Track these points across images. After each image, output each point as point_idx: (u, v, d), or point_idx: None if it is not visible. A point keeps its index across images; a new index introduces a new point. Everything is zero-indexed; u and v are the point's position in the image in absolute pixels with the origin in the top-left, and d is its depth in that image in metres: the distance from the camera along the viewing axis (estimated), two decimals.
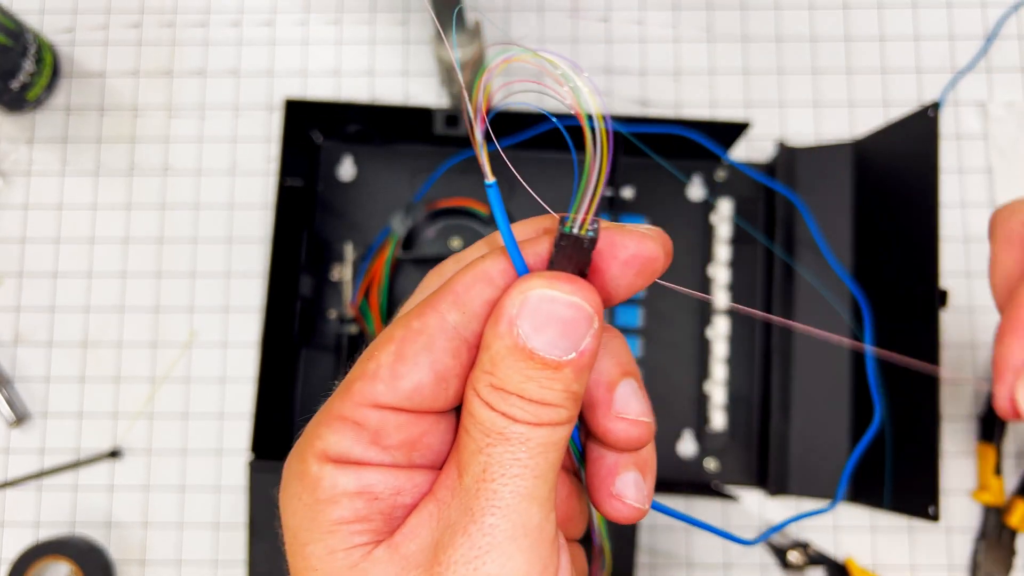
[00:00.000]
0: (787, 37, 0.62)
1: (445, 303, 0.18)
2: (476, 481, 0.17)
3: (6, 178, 0.61)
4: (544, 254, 0.18)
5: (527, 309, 0.17)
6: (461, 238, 0.56)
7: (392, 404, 0.18)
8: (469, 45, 0.52)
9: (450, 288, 0.18)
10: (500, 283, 0.18)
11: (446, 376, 0.18)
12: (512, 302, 0.17)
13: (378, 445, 0.18)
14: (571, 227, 0.17)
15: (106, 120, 0.62)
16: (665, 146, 0.55)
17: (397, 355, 0.18)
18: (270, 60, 0.63)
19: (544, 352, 0.17)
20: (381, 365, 0.18)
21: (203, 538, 0.57)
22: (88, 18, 0.63)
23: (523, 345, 0.17)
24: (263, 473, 0.50)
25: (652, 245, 0.18)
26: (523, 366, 0.17)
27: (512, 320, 0.17)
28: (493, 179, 0.18)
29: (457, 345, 0.18)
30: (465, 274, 0.18)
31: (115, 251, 0.60)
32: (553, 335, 0.17)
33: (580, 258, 0.17)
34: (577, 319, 0.17)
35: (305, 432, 0.19)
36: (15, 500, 0.58)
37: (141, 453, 0.58)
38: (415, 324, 0.18)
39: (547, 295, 0.17)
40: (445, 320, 0.18)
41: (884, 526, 0.56)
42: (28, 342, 0.59)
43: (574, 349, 0.17)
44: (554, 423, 0.17)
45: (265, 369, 0.51)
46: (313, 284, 0.57)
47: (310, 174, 0.58)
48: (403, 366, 0.18)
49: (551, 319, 0.17)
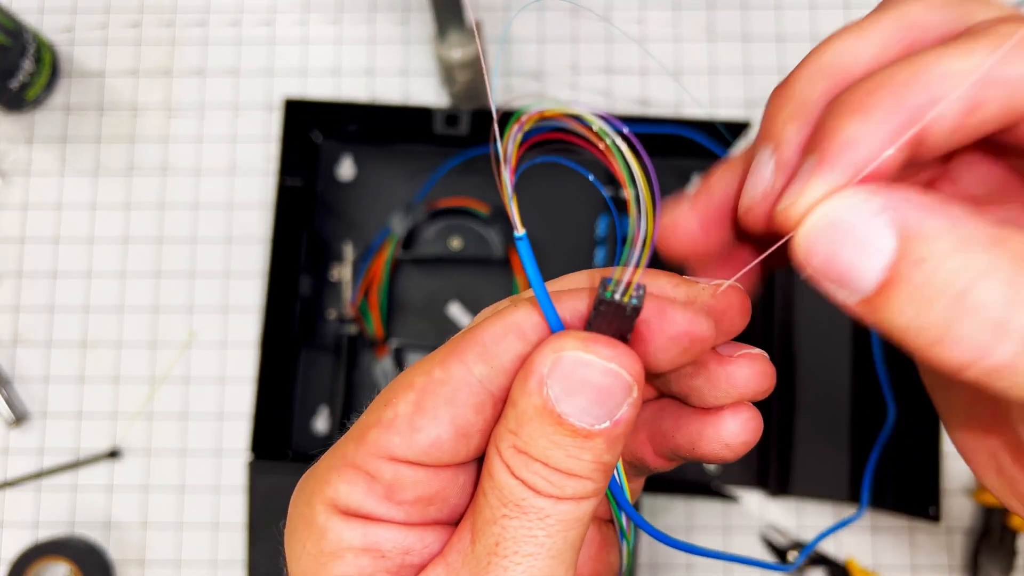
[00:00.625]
0: (788, 36, 0.62)
1: (472, 354, 0.16)
2: (488, 553, 0.16)
3: (5, 178, 0.61)
4: (582, 310, 0.17)
5: (559, 370, 0.15)
6: (461, 238, 0.56)
7: (409, 458, 0.17)
8: (469, 45, 0.51)
9: (478, 338, 0.17)
10: (532, 338, 0.16)
11: (468, 431, 0.17)
12: (543, 360, 0.16)
13: (391, 500, 0.17)
14: (612, 292, 0.16)
15: (105, 120, 0.62)
16: (665, 146, 0.55)
17: (417, 406, 0.17)
18: (270, 59, 0.62)
19: (575, 419, 0.15)
20: (399, 415, 0.17)
21: (202, 538, 0.57)
22: (87, 17, 0.63)
23: (552, 408, 0.15)
24: (262, 473, 0.50)
25: (704, 324, 0.17)
26: (551, 431, 0.15)
27: (542, 379, 0.15)
28: (523, 231, 0.16)
29: (482, 399, 0.17)
30: (495, 324, 0.17)
31: (114, 251, 0.60)
32: (586, 401, 0.15)
33: (621, 324, 0.16)
34: (614, 387, 0.15)
35: (315, 472, 0.18)
36: (14, 500, 0.58)
37: (140, 453, 0.58)
38: (437, 373, 0.17)
39: (582, 358, 0.15)
40: (471, 372, 0.16)
41: (885, 527, 0.56)
42: (27, 342, 0.59)
43: (608, 418, 0.15)
44: (579, 497, 0.16)
45: (265, 369, 0.51)
46: (313, 284, 0.56)
47: (310, 174, 0.58)
48: (422, 419, 0.16)
49: (585, 384, 0.15)
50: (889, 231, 0.14)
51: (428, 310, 0.57)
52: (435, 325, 0.57)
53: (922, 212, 0.14)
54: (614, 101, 0.61)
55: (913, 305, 0.14)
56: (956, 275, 0.13)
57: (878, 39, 0.17)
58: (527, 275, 0.16)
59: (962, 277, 0.13)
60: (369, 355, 0.56)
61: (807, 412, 0.54)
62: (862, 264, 0.14)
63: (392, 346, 0.54)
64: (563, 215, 0.57)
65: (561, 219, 0.57)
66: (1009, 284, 0.13)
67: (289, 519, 0.18)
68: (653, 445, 0.20)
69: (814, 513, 0.56)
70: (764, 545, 0.56)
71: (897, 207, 0.14)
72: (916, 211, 0.14)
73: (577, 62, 0.62)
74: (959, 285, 0.13)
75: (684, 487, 0.55)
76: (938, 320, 0.13)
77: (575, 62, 0.62)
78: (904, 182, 0.18)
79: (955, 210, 0.14)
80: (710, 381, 0.18)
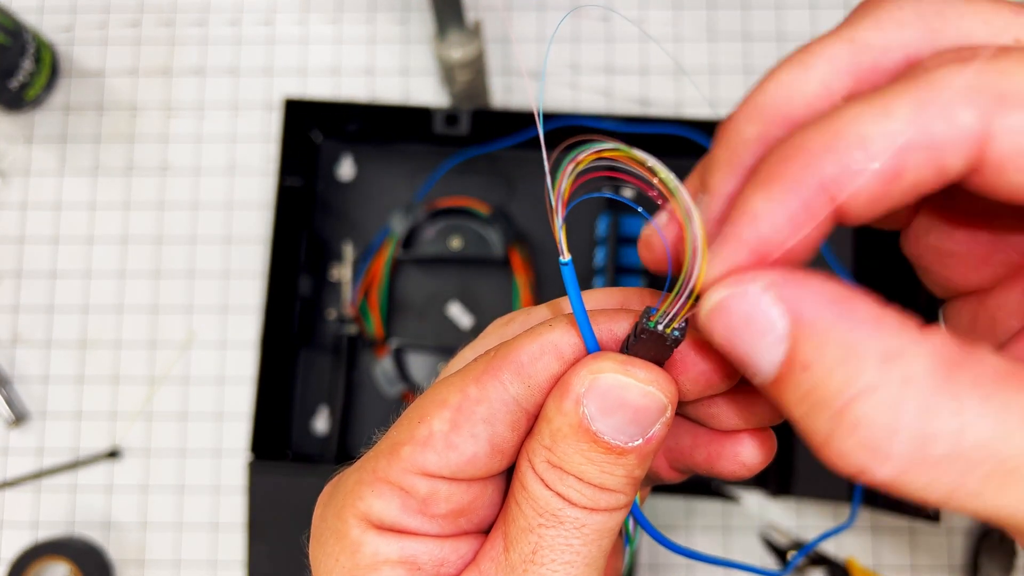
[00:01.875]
0: (788, 36, 0.62)
1: (508, 372, 0.17)
2: (524, 561, 0.17)
3: (5, 177, 0.61)
4: (615, 332, 0.17)
5: (596, 391, 0.16)
6: (461, 238, 0.56)
7: (444, 474, 0.17)
8: (469, 44, 0.51)
9: (514, 356, 0.17)
10: (569, 358, 0.17)
11: (502, 448, 0.17)
12: (580, 380, 0.16)
13: (425, 514, 0.17)
14: (656, 322, 0.16)
15: (105, 119, 0.62)
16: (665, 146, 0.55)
17: (453, 424, 0.17)
18: (269, 59, 0.62)
19: (609, 436, 0.16)
20: (435, 433, 0.17)
21: (202, 539, 0.57)
22: (87, 17, 0.63)
23: (587, 426, 0.16)
24: (262, 474, 0.50)
25: None
26: (585, 447, 0.16)
27: (579, 399, 0.16)
28: (569, 257, 0.17)
29: (517, 417, 0.17)
30: (531, 343, 0.17)
31: (114, 251, 0.60)
32: (621, 421, 0.16)
33: (659, 352, 0.16)
34: (650, 408, 0.16)
35: (343, 486, 0.18)
36: (14, 500, 0.58)
37: (140, 453, 0.58)
38: (473, 391, 0.17)
39: (620, 380, 0.16)
40: (507, 391, 0.17)
41: (885, 527, 0.56)
42: (27, 342, 0.59)
43: (641, 436, 0.16)
44: (612, 509, 0.17)
45: (264, 369, 0.51)
46: (312, 284, 0.56)
47: (309, 174, 0.58)
48: (459, 436, 0.17)
49: (621, 404, 0.16)
50: (781, 326, 0.13)
51: (428, 310, 0.57)
52: (435, 325, 0.57)
53: (817, 310, 0.13)
54: (614, 100, 0.61)
55: (801, 407, 0.13)
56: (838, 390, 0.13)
57: (822, 73, 0.15)
58: (569, 298, 0.16)
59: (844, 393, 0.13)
60: (369, 355, 0.56)
61: None
62: (758, 354, 0.14)
63: (392, 346, 0.54)
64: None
65: None
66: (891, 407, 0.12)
67: (315, 533, 0.19)
68: (669, 460, 0.20)
69: (814, 513, 0.56)
70: (764, 545, 0.56)
71: (791, 301, 0.13)
72: (811, 308, 0.13)
73: (577, 61, 0.62)
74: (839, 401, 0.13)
75: (684, 487, 0.55)
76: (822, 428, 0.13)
77: (575, 61, 0.62)
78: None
79: (860, 310, 0.13)
80: (733, 408, 0.18)
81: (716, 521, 0.56)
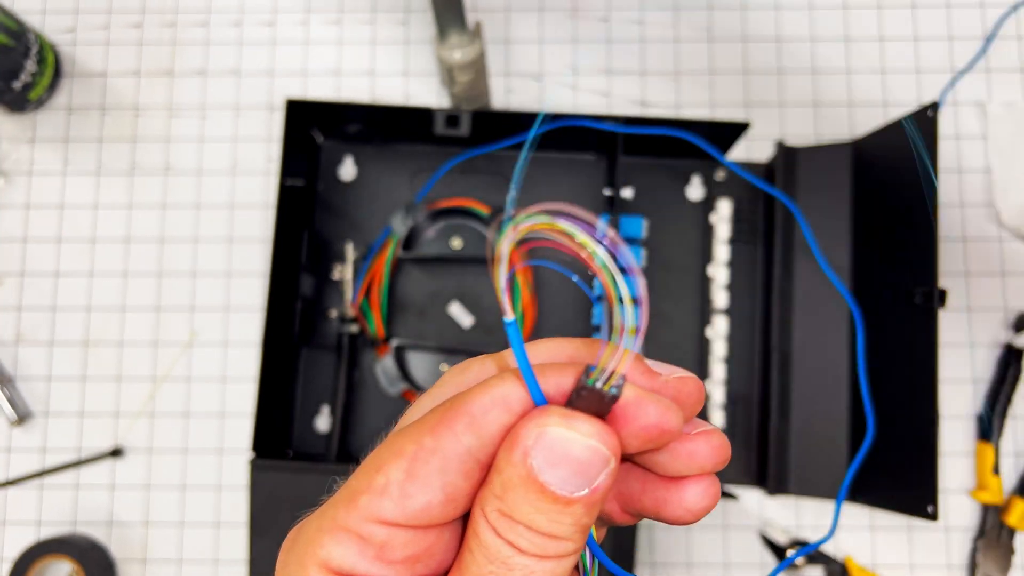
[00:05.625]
0: (787, 38, 0.62)
1: (460, 424, 0.18)
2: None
3: (8, 178, 0.61)
4: (563, 385, 0.18)
5: (543, 444, 0.17)
6: (461, 238, 0.56)
7: (400, 521, 0.18)
8: (469, 46, 0.52)
9: (466, 409, 0.18)
10: (518, 410, 0.18)
11: (456, 496, 0.18)
12: (528, 433, 0.17)
13: (382, 560, 0.18)
14: (595, 380, 0.17)
15: (107, 120, 0.62)
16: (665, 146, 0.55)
17: (408, 473, 0.18)
18: (271, 60, 0.63)
19: (556, 488, 0.17)
20: (391, 482, 0.18)
21: (204, 537, 0.57)
22: (89, 18, 0.63)
23: (535, 477, 0.17)
24: (264, 472, 0.50)
25: (673, 418, 0.18)
26: (534, 498, 0.17)
27: (527, 451, 0.17)
28: (512, 317, 0.18)
29: (470, 467, 0.18)
30: (483, 396, 0.18)
31: (116, 250, 0.60)
32: (567, 473, 0.17)
33: (600, 406, 0.17)
34: (593, 460, 0.17)
35: (305, 533, 0.19)
36: (17, 499, 0.58)
37: (142, 452, 0.58)
38: (427, 442, 0.18)
39: (564, 434, 0.17)
40: (460, 442, 0.18)
41: (883, 525, 0.56)
42: (30, 341, 0.60)
43: (587, 486, 0.17)
44: (560, 556, 0.17)
45: (266, 368, 0.51)
46: (314, 284, 0.57)
47: (311, 174, 0.58)
48: (414, 486, 0.18)
49: (566, 457, 0.17)
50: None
51: (429, 310, 0.57)
52: (436, 324, 0.57)
53: None
54: (613, 101, 0.61)
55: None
56: None
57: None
58: (515, 354, 0.18)
59: None
60: (370, 354, 0.56)
61: (804, 410, 0.55)
62: None
63: (393, 345, 0.55)
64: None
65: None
66: None
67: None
68: (620, 504, 0.21)
69: (812, 511, 0.56)
70: (762, 543, 0.56)
71: None
72: None
73: (577, 63, 0.62)
74: None
75: None
76: None
77: (575, 63, 0.62)
78: None
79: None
80: (673, 456, 0.20)
81: (715, 520, 0.57)
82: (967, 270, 0.59)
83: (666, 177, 0.58)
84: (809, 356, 0.55)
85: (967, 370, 0.58)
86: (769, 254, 0.56)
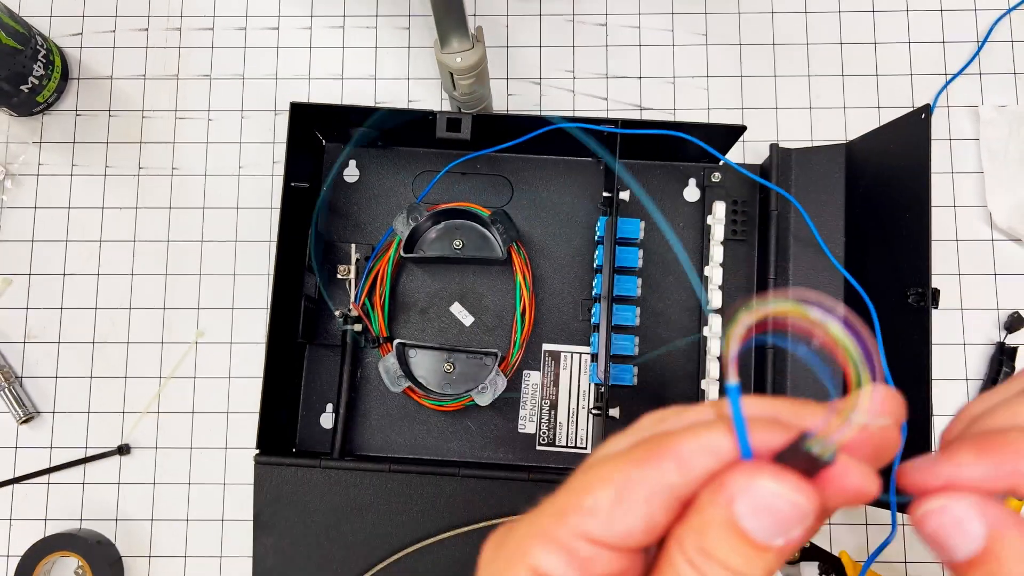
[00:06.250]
0: (782, 41, 0.63)
1: (668, 463, 0.19)
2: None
3: (16, 179, 0.62)
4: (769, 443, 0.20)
5: (750, 494, 0.18)
6: (462, 239, 0.57)
7: (604, 541, 0.19)
8: (470, 51, 0.53)
9: (675, 450, 0.19)
10: (723, 458, 0.19)
11: (655, 526, 0.19)
12: (737, 483, 0.18)
13: (585, 573, 0.20)
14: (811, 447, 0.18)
15: (114, 122, 0.63)
16: (662, 149, 0.56)
17: (617, 500, 0.19)
18: (274, 65, 0.64)
19: (755, 534, 0.18)
20: (599, 506, 0.19)
21: (209, 533, 0.58)
22: (96, 22, 0.64)
23: (737, 523, 0.18)
24: (269, 469, 0.51)
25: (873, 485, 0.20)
26: (733, 540, 0.18)
27: (733, 497, 0.18)
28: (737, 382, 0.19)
29: (671, 502, 0.19)
30: (693, 439, 0.19)
31: (123, 251, 0.61)
32: (768, 523, 0.18)
33: (808, 467, 0.19)
34: (794, 516, 0.18)
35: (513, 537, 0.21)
36: (24, 496, 0.59)
37: (148, 449, 0.59)
38: (635, 474, 0.19)
39: (772, 488, 0.18)
40: (665, 477, 0.19)
41: (878, 522, 0.57)
42: (37, 340, 0.60)
43: (784, 537, 0.18)
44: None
45: (271, 367, 0.52)
46: (318, 284, 0.58)
47: (315, 176, 0.59)
48: (620, 511, 0.19)
49: (770, 510, 0.18)
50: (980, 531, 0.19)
51: (431, 309, 0.58)
52: (438, 324, 0.58)
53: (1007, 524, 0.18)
54: (612, 105, 0.62)
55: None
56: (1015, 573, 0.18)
57: None
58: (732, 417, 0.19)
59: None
60: (373, 353, 0.57)
61: None
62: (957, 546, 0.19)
63: (395, 344, 0.55)
64: (563, 215, 0.59)
65: (561, 219, 0.59)
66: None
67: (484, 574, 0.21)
68: None
69: None
70: None
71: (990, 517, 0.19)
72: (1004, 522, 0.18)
73: (576, 68, 0.63)
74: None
75: None
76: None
77: (574, 67, 0.63)
78: None
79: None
80: None
81: None
82: (959, 270, 0.60)
83: (664, 178, 0.59)
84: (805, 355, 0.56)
85: (960, 369, 0.59)
86: (764, 254, 0.57)
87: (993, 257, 0.60)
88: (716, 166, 0.58)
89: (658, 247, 0.58)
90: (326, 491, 0.51)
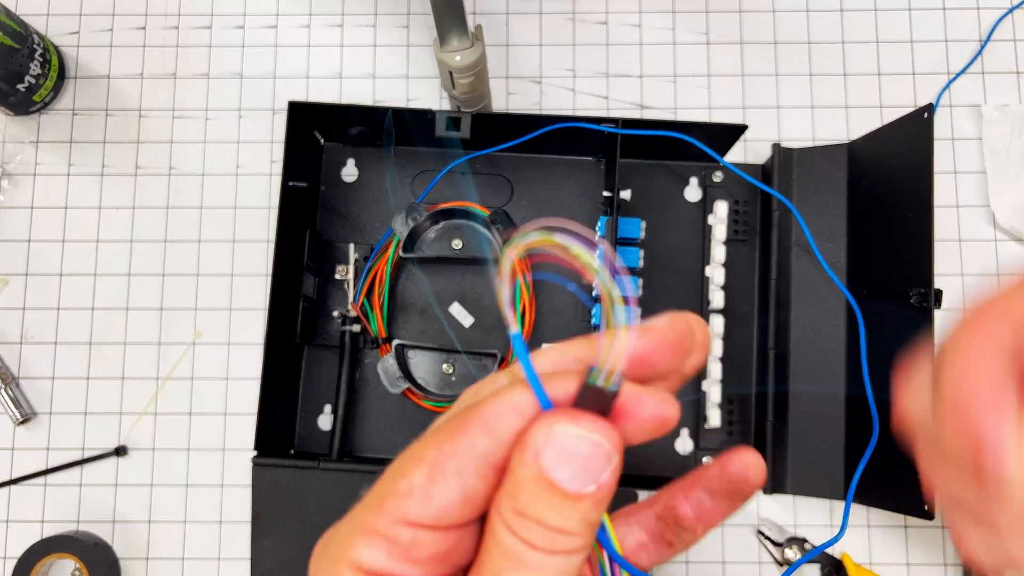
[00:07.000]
0: (784, 40, 0.63)
1: (475, 429, 0.19)
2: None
3: (12, 179, 0.62)
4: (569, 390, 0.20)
5: (552, 443, 0.18)
6: (462, 239, 0.57)
7: (423, 522, 0.19)
8: (470, 49, 0.52)
9: (480, 415, 0.19)
10: (527, 415, 0.19)
11: (474, 497, 0.19)
12: (538, 435, 0.18)
13: (409, 560, 0.19)
14: (595, 380, 0.19)
15: (111, 122, 0.63)
16: (663, 148, 0.56)
17: (429, 477, 0.19)
18: (273, 63, 0.63)
19: (565, 484, 0.18)
20: (414, 486, 0.19)
21: (207, 535, 0.58)
22: (93, 21, 0.64)
23: (546, 475, 0.18)
24: (267, 470, 0.50)
25: (671, 410, 0.20)
26: (545, 495, 0.18)
27: (538, 451, 0.18)
28: (517, 330, 0.19)
29: (485, 470, 0.19)
30: (495, 403, 0.19)
31: (120, 251, 0.61)
32: (575, 469, 0.18)
33: (603, 404, 0.19)
34: (597, 456, 0.18)
35: (336, 537, 0.20)
36: (21, 497, 0.59)
37: (146, 450, 0.59)
38: (446, 448, 0.19)
39: (571, 432, 0.18)
40: (475, 446, 0.19)
41: (880, 523, 0.57)
42: (34, 341, 0.60)
43: (594, 482, 0.18)
44: (569, 551, 0.19)
45: (269, 367, 0.52)
46: (316, 284, 0.57)
47: (313, 175, 0.59)
48: (435, 487, 0.19)
49: (574, 454, 0.18)
50: None
51: (430, 310, 0.58)
52: (437, 324, 0.57)
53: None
54: (612, 104, 0.62)
55: None
56: None
57: (990, 367, 0.20)
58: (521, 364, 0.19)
59: None
60: (372, 354, 0.57)
61: (801, 410, 0.55)
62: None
63: (394, 345, 0.55)
64: (563, 215, 0.58)
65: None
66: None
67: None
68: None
69: (810, 508, 0.57)
70: (760, 540, 0.56)
71: None
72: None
73: (576, 66, 0.63)
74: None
75: None
76: None
77: (574, 66, 0.63)
78: None
79: None
80: None
81: None
82: (962, 271, 0.59)
83: (664, 178, 0.59)
84: (805, 356, 0.55)
85: None
86: (766, 254, 0.57)
87: (996, 257, 0.59)
88: (717, 166, 0.58)
89: (659, 247, 0.58)
90: (324, 493, 0.51)
